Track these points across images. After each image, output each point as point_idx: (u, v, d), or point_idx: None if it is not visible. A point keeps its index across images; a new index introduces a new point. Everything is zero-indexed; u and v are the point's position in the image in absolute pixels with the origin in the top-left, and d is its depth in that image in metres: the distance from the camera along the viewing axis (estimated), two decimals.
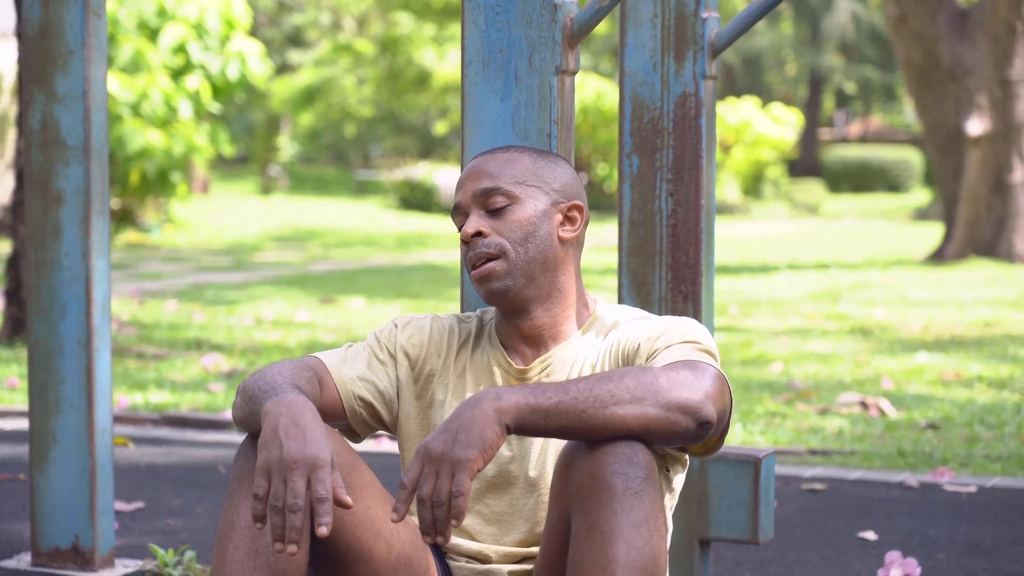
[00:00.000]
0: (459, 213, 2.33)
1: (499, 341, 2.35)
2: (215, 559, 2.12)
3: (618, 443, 2.03)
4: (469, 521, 2.30)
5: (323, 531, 1.94)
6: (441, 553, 2.33)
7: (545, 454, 2.27)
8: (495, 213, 2.29)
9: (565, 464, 2.08)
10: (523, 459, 2.28)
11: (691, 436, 2.06)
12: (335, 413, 2.32)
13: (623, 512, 2.00)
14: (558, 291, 2.32)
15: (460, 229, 2.32)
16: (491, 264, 2.27)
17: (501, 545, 2.29)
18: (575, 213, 2.33)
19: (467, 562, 2.30)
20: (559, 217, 2.32)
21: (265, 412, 2.03)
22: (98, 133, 3.46)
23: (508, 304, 2.30)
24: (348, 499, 1.97)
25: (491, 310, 2.43)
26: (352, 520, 2.16)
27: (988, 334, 8.92)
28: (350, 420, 2.34)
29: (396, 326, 2.38)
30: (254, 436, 2.16)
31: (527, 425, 2.01)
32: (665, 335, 2.20)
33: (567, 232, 2.32)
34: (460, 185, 2.34)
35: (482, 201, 2.29)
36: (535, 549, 2.27)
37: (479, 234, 2.28)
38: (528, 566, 2.28)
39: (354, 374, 2.33)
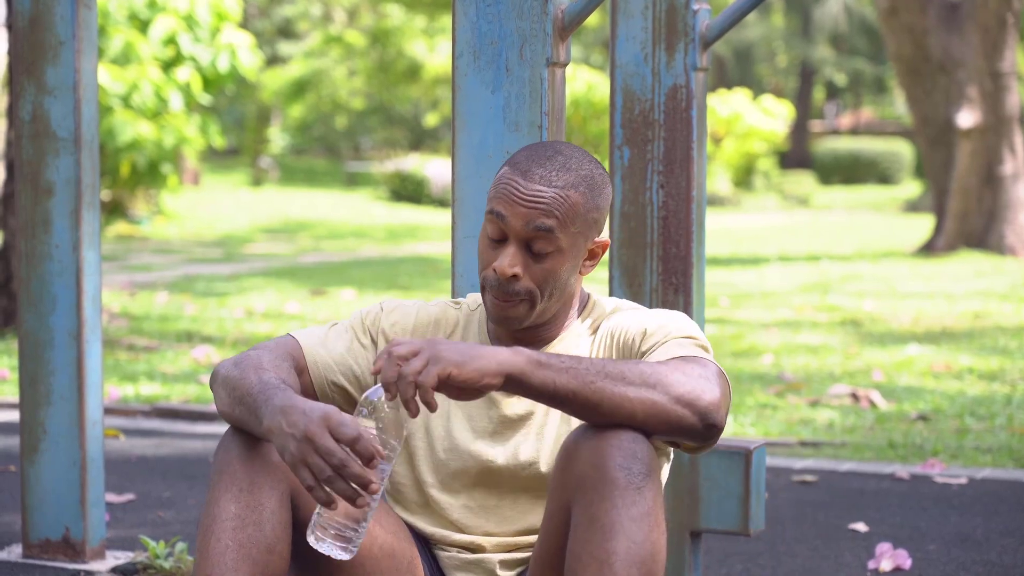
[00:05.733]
0: (499, 225, 2.22)
1: (490, 333, 2.34)
2: (198, 552, 2.12)
3: (622, 437, 2.03)
4: (459, 514, 2.30)
5: (375, 464, 1.95)
6: (428, 544, 2.33)
7: (539, 445, 2.27)
8: (537, 256, 2.22)
9: (566, 456, 2.07)
10: (512, 453, 2.28)
11: (694, 434, 2.06)
12: (306, 395, 2.32)
13: (624, 506, 2.00)
14: (562, 305, 2.31)
15: (491, 237, 2.24)
16: (517, 306, 2.23)
17: (492, 536, 2.29)
18: (599, 250, 2.31)
19: (458, 552, 2.30)
20: (586, 254, 2.29)
21: (267, 431, 2.04)
22: (88, 125, 3.45)
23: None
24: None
25: (479, 297, 2.41)
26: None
27: (978, 326, 8.94)
28: (322, 402, 2.34)
29: (383, 309, 2.37)
30: (236, 428, 2.18)
31: (536, 378, 2.01)
32: (662, 329, 2.20)
33: (587, 268, 2.31)
34: (509, 198, 2.20)
35: (531, 237, 2.20)
36: (527, 539, 2.28)
37: (515, 276, 2.22)
38: (520, 555, 2.28)
39: (331, 358, 2.32)
